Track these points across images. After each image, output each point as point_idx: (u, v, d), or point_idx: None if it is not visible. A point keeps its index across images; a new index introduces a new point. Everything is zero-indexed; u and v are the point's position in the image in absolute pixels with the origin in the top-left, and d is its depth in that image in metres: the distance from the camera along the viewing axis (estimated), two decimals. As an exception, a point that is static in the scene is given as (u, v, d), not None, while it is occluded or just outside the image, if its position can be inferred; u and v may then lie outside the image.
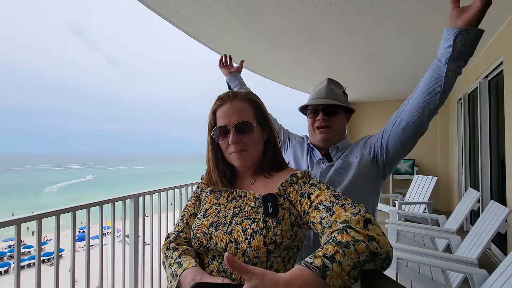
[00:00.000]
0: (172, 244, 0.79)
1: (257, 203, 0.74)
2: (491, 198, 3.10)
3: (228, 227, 0.71)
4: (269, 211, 0.69)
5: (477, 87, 3.42)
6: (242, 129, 0.77)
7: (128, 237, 2.09)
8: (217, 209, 0.79)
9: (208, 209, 0.80)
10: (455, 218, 2.98)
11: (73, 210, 1.53)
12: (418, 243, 2.86)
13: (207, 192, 0.86)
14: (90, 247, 1.71)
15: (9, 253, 19.84)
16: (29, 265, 16.26)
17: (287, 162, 0.88)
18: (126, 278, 1.99)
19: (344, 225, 0.55)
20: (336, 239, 0.52)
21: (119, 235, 9.45)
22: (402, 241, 2.85)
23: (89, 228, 1.64)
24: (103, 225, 1.78)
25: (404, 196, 4.80)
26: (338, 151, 1.13)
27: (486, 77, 3.18)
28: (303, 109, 1.21)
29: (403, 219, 4.14)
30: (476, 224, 2.33)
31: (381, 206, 4.58)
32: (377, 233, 0.54)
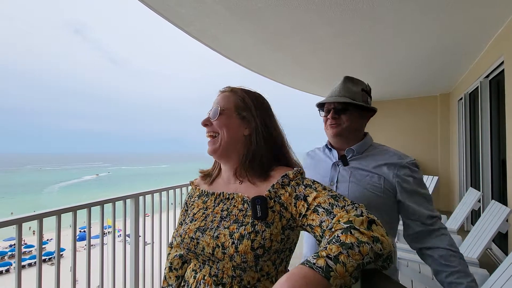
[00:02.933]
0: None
1: (245, 205, 0.71)
2: (492, 198, 3.09)
3: (215, 231, 0.69)
4: (257, 215, 0.66)
5: (477, 87, 3.41)
6: (215, 114, 0.79)
7: (129, 237, 2.10)
8: (204, 213, 0.76)
9: (195, 213, 0.78)
10: (455, 218, 2.98)
11: (73, 209, 1.54)
12: (418, 242, 2.86)
13: (195, 197, 0.85)
14: (91, 247, 1.71)
15: (10, 253, 19.89)
16: (30, 265, 16.29)
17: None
18: (127, 278, 1.99)
19: (348, 225, 0.54)
20: (340, 240, 0.51)
21: (120, 234, 9.48)
22: (403, 241, 2.85)
23: (89, 227, 1.65)
24: (104, 225, 1.79)
25: (404, 195, 4.81)
26: (354, 154, 1.10)
27: (487, 76, 3.17)
28: (321, 108, 1.19)
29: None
30: (477, 224, 2.32)
31: (381, 206, 4.58)
32: (381, 234, 0.53)
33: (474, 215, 3.77)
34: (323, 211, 0.61)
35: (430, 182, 4.28)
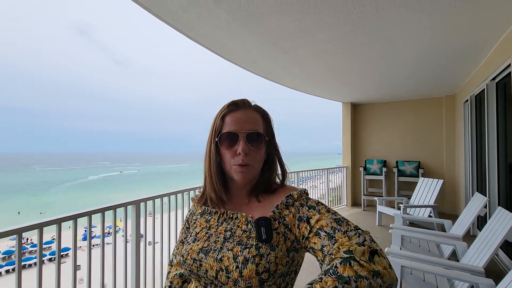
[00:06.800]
0: None
1: (249, 226, 0.69)
2: (499, 204, 3.03)
3: (218, 254, 0.67)
4: (262, 237, 0.64)
5: (484, 89, 3.35)
6: (254, 140, 0.71)
7: (130, 240, 2.09)
8: (207, 232, 0.74)
9: (198, 232, 0.76)
10: (461, 223, 2.93)
11: (74, 218, 1.54)
12: (423, 248, 2.81)
13: (197, 215, 0.82)
14: (94, 248, 1.71)
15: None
16: (36, 264, 16.50)
17: None
18: (128, 286, 1.99)
19: (348, 255, 0.52)
20: (338, 271, 0.49)
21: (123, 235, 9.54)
22: (407, 246, 2.81)
23: (90, 235, 1.65)
24: (109, 224, 1.79)
25: (409, 198, 4.75)
26: None
27: (494, 79, 3.11)
28: None
29: (408, 222, 4.09)
30: (483, 231, 2.27)
31: (385, 209, 4.54)
32: (383, 266, 0.51)
33: (481, 219, 3.71)
34: (325, 235, 0.59)
35: (434, 185, 4.21)
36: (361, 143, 6.35)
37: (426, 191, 4.32)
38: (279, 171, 0.81)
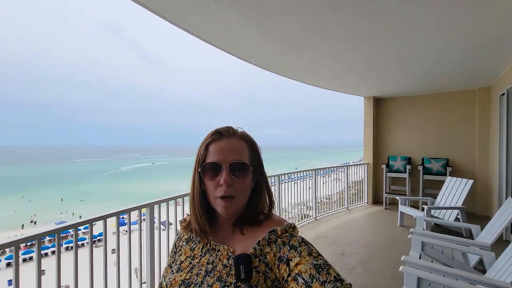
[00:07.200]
0: None
1: (230, 261, 0.67)
2: (535, 211, 2.77)
3: None
4: (241, 276, 0.62)
5: (523, 83, 3.04)
6: (238, 170, 0.69)
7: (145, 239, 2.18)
8: (191, 263, 0.73)
9: (182, 261, 0.75)
10: (491, 229, 2.71)
11: (90, 222, 1.62)
12: (446, 255, 2.66)
13: (183, 241, 0.81)
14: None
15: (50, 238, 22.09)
16: (66, 249, 18.00)
17: None
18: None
19: None
20: None
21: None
22: (428, 253, 2.66)
23: (106, 238, 1.73)
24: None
25: (434, 198, 4.49)
26: None
27: (535, 72, 2.80)
28: None
29: (432, 223, 3.87)
30: (514, 242, 2.10)
31: (408, 210, 4.33)
32: None
33: (515, 225, 3.43)
34: (302, 283, 0.56)
35: (463, 185, 3.92)
36: (383, 138, 6.07)
37: (454, 192, 4.05)
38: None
